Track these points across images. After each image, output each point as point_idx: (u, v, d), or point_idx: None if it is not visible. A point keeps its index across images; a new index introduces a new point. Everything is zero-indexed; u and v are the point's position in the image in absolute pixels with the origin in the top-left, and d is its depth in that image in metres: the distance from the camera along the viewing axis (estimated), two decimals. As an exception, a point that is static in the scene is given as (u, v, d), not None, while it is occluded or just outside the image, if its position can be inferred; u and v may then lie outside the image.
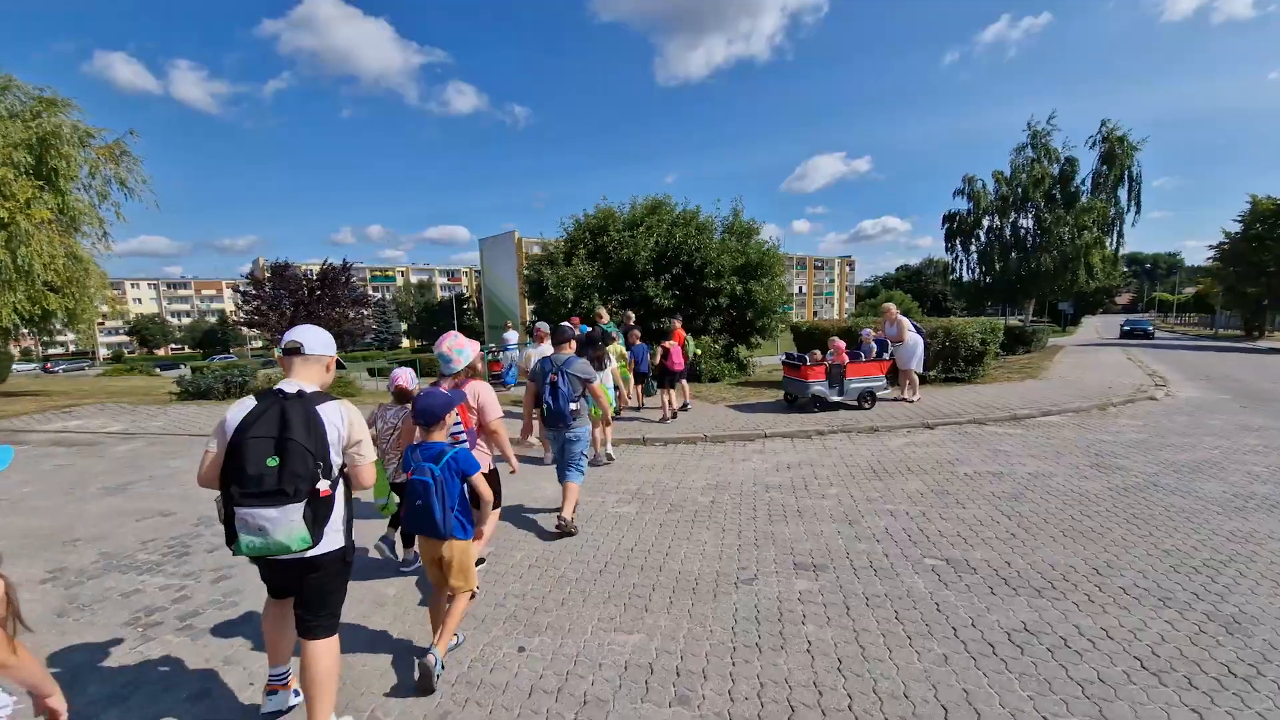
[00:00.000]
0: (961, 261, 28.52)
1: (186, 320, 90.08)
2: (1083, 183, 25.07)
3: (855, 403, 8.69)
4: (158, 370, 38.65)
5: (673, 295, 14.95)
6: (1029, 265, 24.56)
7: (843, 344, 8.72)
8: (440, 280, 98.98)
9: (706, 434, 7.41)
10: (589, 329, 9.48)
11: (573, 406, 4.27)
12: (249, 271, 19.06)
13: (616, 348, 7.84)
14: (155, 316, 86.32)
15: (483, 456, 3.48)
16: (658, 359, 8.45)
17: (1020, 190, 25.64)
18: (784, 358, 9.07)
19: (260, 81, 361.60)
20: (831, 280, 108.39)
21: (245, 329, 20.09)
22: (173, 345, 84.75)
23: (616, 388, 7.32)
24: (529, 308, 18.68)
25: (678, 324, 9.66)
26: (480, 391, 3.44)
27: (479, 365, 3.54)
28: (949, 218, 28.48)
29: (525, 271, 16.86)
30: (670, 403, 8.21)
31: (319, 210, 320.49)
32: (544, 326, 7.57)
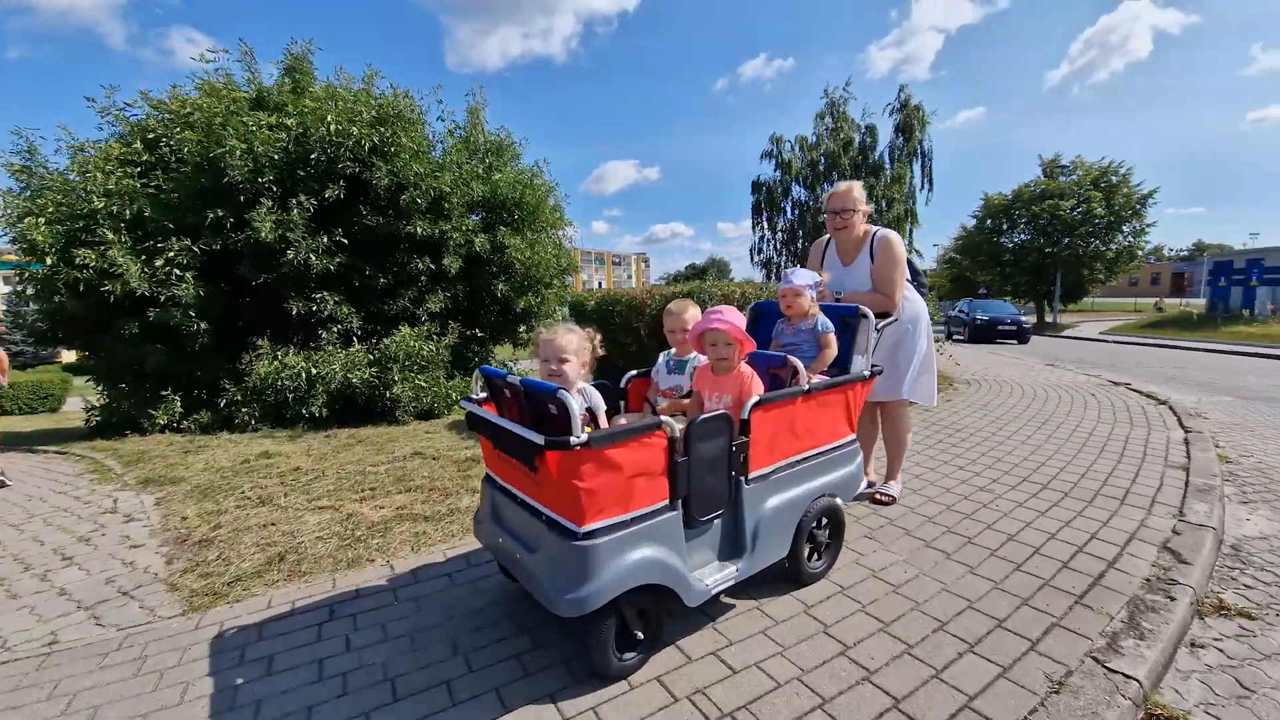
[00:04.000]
0: (767, 240, 25.65)
1: None
2: (881, 156, 23.73)
3: (800, 571, 2.17)
4: None
5: (335, 246, 7.21)
6: (843, 241, 22.45)
7: (730, 323, 2.05)
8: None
9: None
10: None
11: None
12: None
13: None
14: None
15: None
16: None
17: (826, 158, 23.28)
18: (466, 399, 2.14)
19: None
20: (630, 276, 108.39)
21: None
22: None
23: None
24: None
25: None
26: None
27: None
28: (757, 186, 25.26)
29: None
30: None
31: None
32: None
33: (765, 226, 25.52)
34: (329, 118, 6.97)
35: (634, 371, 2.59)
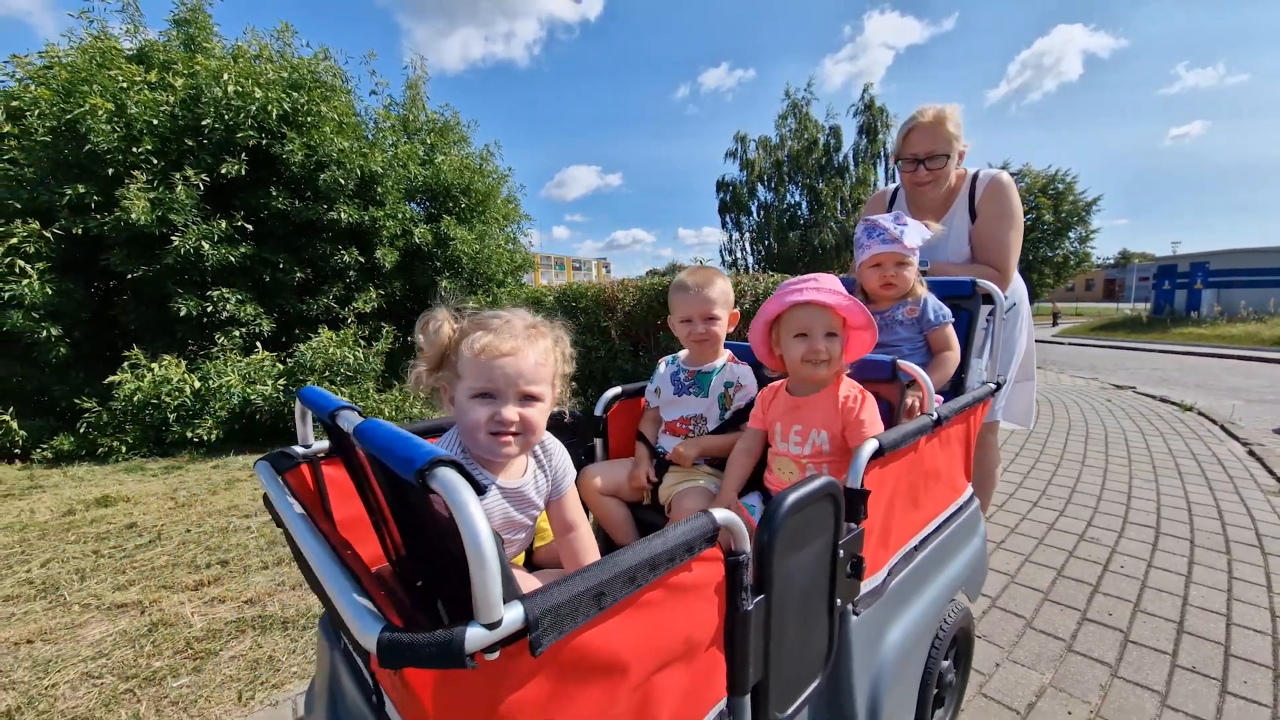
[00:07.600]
0: (736, 242, 25.06)
1: None
2: (845, 158, 23.51)
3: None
4: None
5: (237, 232, 5.98)
6: (810, 243, 22.00)
7: (839, 294, 1.12)
8: None
9: None
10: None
11: None
12: None
13: None
14: None
15: None
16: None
17: (789, 159, 22.87)
18: (271, 458, 0.93)
19: None
20: (590, 281, 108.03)
21: None
22: None
23: None
24: None
25: None
26: None
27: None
28: (722, 186, 24.65)
29: None
30: None
31: None
32: None
33: (732, 226, 24.93)
34: (226, 75, 5.72)
35: (616, 389, 1.61)
